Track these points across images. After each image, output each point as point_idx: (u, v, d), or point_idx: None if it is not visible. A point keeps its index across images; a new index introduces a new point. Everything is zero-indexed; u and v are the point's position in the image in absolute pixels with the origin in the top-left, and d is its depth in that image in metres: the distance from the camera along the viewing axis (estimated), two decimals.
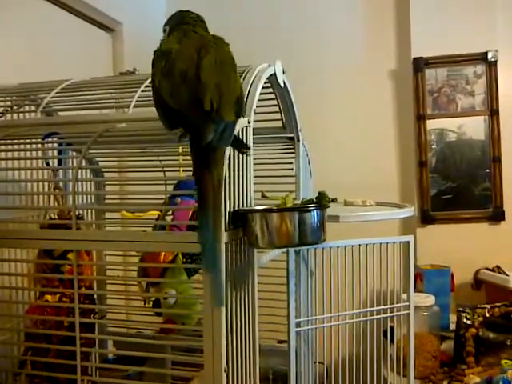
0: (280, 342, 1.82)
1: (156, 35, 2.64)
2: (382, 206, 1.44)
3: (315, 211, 0.94)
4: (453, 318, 2.01)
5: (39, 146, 1.15)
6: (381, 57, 2.49)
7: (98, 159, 1.55)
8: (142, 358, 1.20)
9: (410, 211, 1.37)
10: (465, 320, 1.85)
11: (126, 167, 1.58)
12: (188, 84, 0.88)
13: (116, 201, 1.71)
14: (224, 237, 0.94)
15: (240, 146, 0.97)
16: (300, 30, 2.55)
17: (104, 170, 1.57)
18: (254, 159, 1.10)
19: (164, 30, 1.03)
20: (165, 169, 1.25)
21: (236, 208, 1.00)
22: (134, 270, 1.58)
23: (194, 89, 0.88)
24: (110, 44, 2.25)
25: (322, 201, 0.96)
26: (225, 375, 0.95)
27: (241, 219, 0.99)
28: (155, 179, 1.32)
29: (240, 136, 1.01)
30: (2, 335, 1.30)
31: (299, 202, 1.09)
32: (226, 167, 0.94)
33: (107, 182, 1.58)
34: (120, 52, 2.24)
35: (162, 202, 1.43)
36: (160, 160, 1.21)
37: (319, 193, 0.98)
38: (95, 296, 1.34)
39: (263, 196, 1.09)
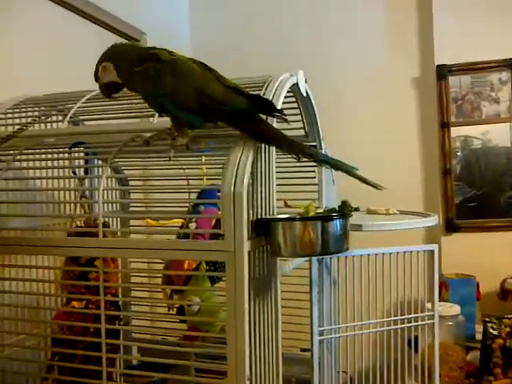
0: (303, 350, 1.82)
1: (179, 45, 2.68)
2: (406, 215, 1.43)
3: (338, 220, 0.94)
4: (479, 328, 1.97)
5: (66, 155, 1.17)
6: (404, 64, 2.47)
7: (122, 168, 1.58)
8: (166, 364, 1.21)
9: (433, 220, 1.36)
10: (491, 330, 1.82)
11: (151, 176, 1.60)
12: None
13: (140, 209, 1.74)
14: (247, 245, 0.94)
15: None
16: (323, 40, 2.55)
17: (129, 178, 1.60)
18: (277, 167, 1.11)
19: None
20: (188, 177, 1.27)
21: (259, 216, 1.01)
22: (157, 277, 1.60)
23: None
24: None
25: (344, 210, 0.96)
26: (248, 383, 0.95)
27: (264, 228, 0.99)
28: (179, 188, 1.34)
29: None
30: (30, 340, 1.32)
31: (322, 210, 1.09)
32: (248, 175, 0.95)
33: (132, 191, 1.60)
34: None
35: (185, 210, 1.45)
36: (184, 168, 1.22)
37: (342, 202, 0.98)
38: (120, 303, 1.35)
39: (286, 205, 1.09)
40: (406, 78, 2.47)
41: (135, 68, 1.05)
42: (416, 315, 1.54)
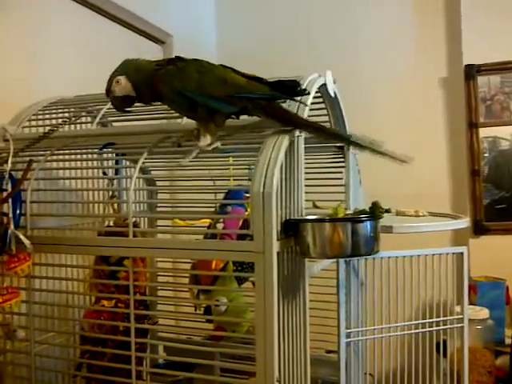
0: (328, 351, 1.81)
1: (205, 46, 2.69)
2: (436, 217, 1.41)
3: (368, 222, 0.94)
4: (508, 332, 1.94)
5: (96, 155, 1.18)
6: (431, 64, 2.45)
7: (150, 169, 1.59)
8: (192, 364, 1.21)
9: (465, 222, 1.34)
10: None
11: (178, 176, 1.61)
12: None
13: (167, 209, 1.75)
14: (276, 246, 0.94)
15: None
16: (350, 40, 2.54)
17: (157, 179, 1.61)
18: (304, 168, 1.11)
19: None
20: (215, 178, 1.27)
21: (287, 217, 1.00)
22: (183, 277, 1.61)
23: None
24: (160, 56, 2.31)
25: (375, 211, 0.95)
26: None
27: (293, 228, 0.99)
28: (206, 188, 1.35)
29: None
30: (59, 338, 1.34)
31: (350, 211, 1.08)
32: (278, 176, 0.95)
33: (160, 191, 1.61)
34: None
35: (212, 210, 1.46)
36: (210, 169, 1.23)
37: (373, 203, 0.97)
38: (148, 302, 1.36)
39: (314, 206, 1.09)
40: (433, 78, 2.44)
41: (157, 72, 1.07)
42: (444, 318, 1.52)
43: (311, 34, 2.59)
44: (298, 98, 1.10)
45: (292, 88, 1.06)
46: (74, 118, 1.34)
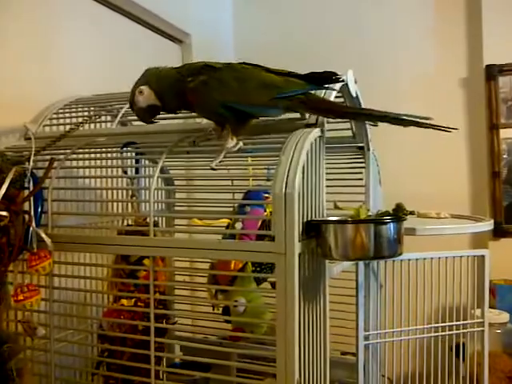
0: (343, 353, 1.79)
1: (223, 45, 2.69)
2: (458, 219, 1.39)
3: (392, 224, 0.92)
4: None
5: (117, 154, 1.19)
6: (452, 65, 2.42)
7: (168, 168, 1.59)
8: (208, 364, 1.21)
9: (488, 225, 1.32)
10: None
11: (196, 176, 1.61)
12: None
13: (183, 208, 1.75)
14: (298, 247, 0.93)
15: None
16: (371, 40, 2.52)
17: (176, 178, 1.61)
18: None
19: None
20: (233, 178, 1.27)
21: (309, 218, 0.99)
22: (199, 276, 1.61)
23: None
24: (179, 55, 2.31)
25: (399, 213, 0.94)
26: None
27: (314, 229, 0.98)
28: (225, 188, 1.34)
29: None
30: (76, 336, 1.35)
31: (373, 213, 1.07)
32: (300, 177, 0.94)
33: (178, 190, 1.61)
34: (189, 62, 2.29)
35: (230, 210, 1.46)
36: (228, 169, 1.22)
37: (397, 204, 0.96)
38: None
39: (336, 207, 1.08)
40: (454, 78, 2.42)
41: (189, 84, 1.04)
42: (464, 322, 1.50)
43: (330, 34, 2.57)
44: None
45: (326, 78, 1.06)
46: (95, 117, 1.35)
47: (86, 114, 1.42)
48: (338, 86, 1.19)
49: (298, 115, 1.10)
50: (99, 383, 1.23)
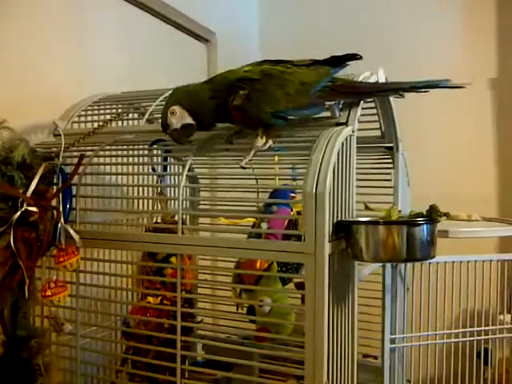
0: (365, 356, 1.77)
1: (248, 44, 2.68)
2: (490, 222, 1.36)
3: (425, 225, 0.90)
4: None
5: (146, 152, 1.18)
6: (480, 65, 2.37)
7: (194, 166, 1.59)
8: (230, 363, 1.20)
9: None
10: None
11: (221, 174, 1.60)
12: None
13: (208, 207, 1.75)
14: (328, 248, 0.92)
15: None
16: (399, 39, 2.48)
17: (199, 176, 1.60)
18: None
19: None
20: (259, 177, 1.26)
21: (338, 218, 0.98)
22: (221, 275, 1.60)
23: None
24: (204, 54, 2.31)
25: (433, 214, 0.92)
26: None
27: (344, 230, 0.97)
28: (250, 187, 1.33)
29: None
30: (100, 332, 1.35)
31: (404, 214, 1.04)
32: (331, 176, 0.93)
33: (202, 188, 1.61)
34: (214, 61, 2.30)
35: (255, 209, 1.45)
36: (253, 168, 1.21)
37: (430, 206, 0.94)
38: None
39: (366, 207, 1.06)
40: (482, 78, 2.37)
41: (232, 103, 1.02)
42: (493, 327, 1.47)
43: (356, 32, 2.54)
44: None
45: (347, 59, 1.08)
46: (122, 115, 1.35)
47: (113, 111, 1.43)
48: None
49: (328, 114, 1.09)
50: (123, 381, 1.23)
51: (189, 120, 1.04)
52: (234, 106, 1.01)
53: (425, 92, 1.14)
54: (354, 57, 1.07)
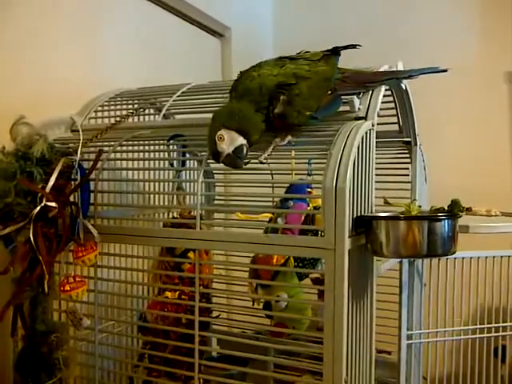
0: (379, 351, 1.77)
1: (262, 39, 2.67)
2: (510, 217, 1.35)
3: (446, 220, 0.89)
4: None
5: (164, 147, 1.18)
6: (496, 58, 2.34)
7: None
8: (245, 358, 1.20)
9: None
10: None
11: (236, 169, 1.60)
12: None
13: (222, 202, 1.75)
14: (348, 243, 0.91)
15: None
16: (415, 31, 2.46)
17: (214, 172, 1.60)
18: None
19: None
20: (274, 172, 1.25)
21: (358, 213, 0.97)
22: (237, 270, 1.60)
23: None
24: (218, 48, 2.31)
25: (454, 209, 0.91)
26: None
27: (364, 225, 0.96)
28: (266, 182, 1.33)
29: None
30: (117, 327, 1.36)
31: (425, 209, 1.03)
32: (351, 170, 0.92)
33: (220, 184, 1.61)
34: (228, 56, 2.29)
35: (271, 204, 1.44)
36: (268, 163, 1.20)
37: (452, 201, 0.93)
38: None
39: (385, 202, 1.05)
40: (498, 71, 2.34)
41: (273, 112, 0.99)
42: (511, 324, 1.46)
43: (370, 27, 2.51)
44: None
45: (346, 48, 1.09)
46: (140, 110, 1.35)
47: (129, 107, 1.43)
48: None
49: (347, 108, 1.08)
50: (141, 375, 1.23)
51: (240, 140, 0.97)
52: (276, 114, 0.99)
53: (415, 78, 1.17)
54: (354, 46, 1.09)
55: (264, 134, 1.03)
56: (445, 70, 1.13)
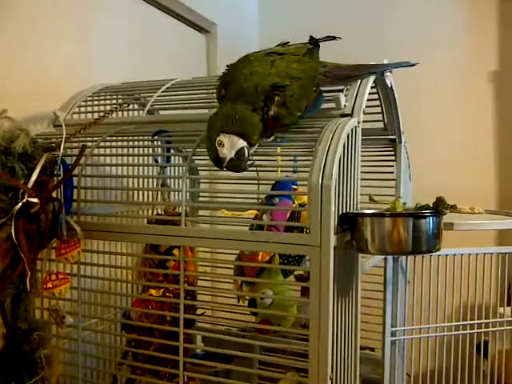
0: (362, 348, 1.77)
1: (248, 36, 2.66)
2: (493, 215, 1.36)
3: (431, 217, 0.90)
4: None
5: (148, 143, 1.17)
6: (481, 57, 2.36)
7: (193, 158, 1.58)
8: (229, 355, 1.19)
9: None
10: None
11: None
12: None
13: (207, 199, 1.74)
14: (333, 240, 0.91)
15: None
16: (401, 31, 2.47)
17: (199, 168, 1.59)
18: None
19: None
20: (259, 169, 1.25)
21: (343, 210, 0.97)
22: (222, 267, 1.59)
23: None
24: (204, 45, 2.29)
25: (440, 207, 0.91)
26: (329, 383, 0.92)
27: (350, 222, 0.96)
28: (252, 179, 1.32)
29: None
30: (100, 325, 1.35)
31: (409, 207, 1.04)
32: (337, 167, 0.92)
33: (205, 180, 1.60)
34: (214, 52, 2.28)
35: (257, 201, 1.44)
36: (253, 160, 1.20)
37: (437, 198, 0.93)
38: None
39: (371, 199, 1.05)
40: (483, 71, 2.36)
41: (268, 114, 0.97)
42: (494, 320, 1.47)
43: (357, 24, 2.51)
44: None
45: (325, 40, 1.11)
46: (124, 105, 1.33)
47: (114, 102, 1.41)
48: (372, 77, 1.16)
49: (333, 105, 1.08)
50: (125, 372, 1.22)
51: (240, 143, 0.94)
52: (270, 116, 0.97)
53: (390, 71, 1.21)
54: (333, 38, 1.11)
55: None
56: (413, 65, 1.18)
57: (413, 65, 1.18)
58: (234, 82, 0.99)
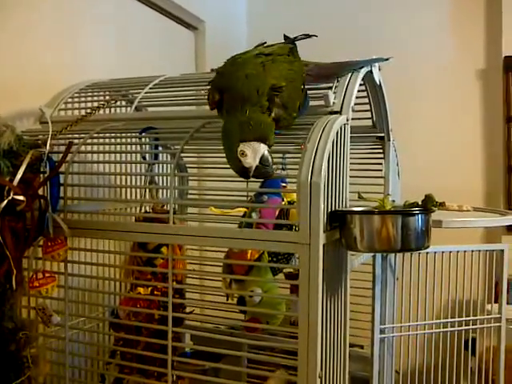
0: (352, 346, 1.78)
1: (236, 33, 2.65)
2: (481, 212, 1.36)
3: (420, 215, 0.90)
4: None
5: (136, 140, 1.16)
6: (469, 55, 2.38)
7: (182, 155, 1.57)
8: (218, 353, 1.19)
9: None
10: None
11: (210, 163, 1.58)
12: None
13: (196, 196, 1.73)
14: (323, 238, 0.91)
15: None
16: (387, 28, 2.47)
17: (188, 165, 1.58)
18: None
19: None
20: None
21: (332, 208, 0.97)
22: (210, 265, 1.59)
23: None
24: (192, 41, 2.28)
25: (428, 204, 0.91)
26: (319, 381, 0.92)
27: (339, 220, 0.96)
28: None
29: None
30: (88, 324, 1.33)
31: (398, 204, 1.04)
32: (326, 165, 0.92)
33: (194, 178, 1.59)
34: (202, 49, 2.27)
35: (246, 199, 1.43)
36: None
37: (426, 195, 0.93)
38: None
39: (360, 197, 1.05)
40: (470, 69, 2.37)
41: (272, 114, 0.96)
42: (481, 317, 1.48)
43: (345, 22, 2.52)
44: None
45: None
46: (111, 102, 1.32)
47: (101, 98, 1.40)
48: (363, 72, 1.16)
49: (322, 102, 1.07)
50: (113, 372, 1.21)
51: (262, 148, 0.92)
52: (272, 118, 0.95)
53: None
54: (309, 36, 1.11)
55: None
56: (387, 59, 1.20)
57: (387, 59, 1.19)
58: (231, 88, 0.96)
